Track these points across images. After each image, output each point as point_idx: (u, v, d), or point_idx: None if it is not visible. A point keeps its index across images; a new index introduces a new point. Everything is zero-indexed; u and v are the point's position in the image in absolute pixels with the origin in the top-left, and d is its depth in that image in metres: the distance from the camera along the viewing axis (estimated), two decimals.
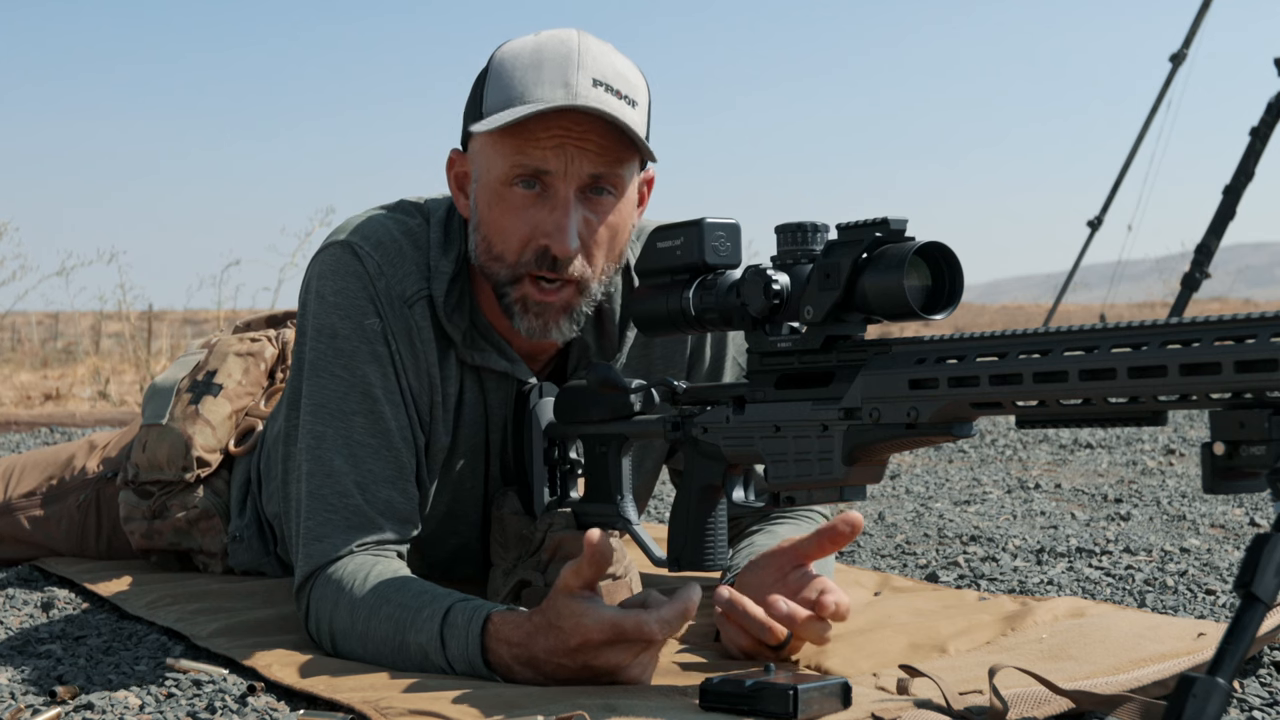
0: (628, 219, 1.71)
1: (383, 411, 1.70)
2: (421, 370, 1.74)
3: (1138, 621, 1.72)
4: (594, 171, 1.63)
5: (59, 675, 1.62)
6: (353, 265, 1.72)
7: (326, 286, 1.73)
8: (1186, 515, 2.95)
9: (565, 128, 1.61)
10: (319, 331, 1.72)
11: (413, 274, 1.73)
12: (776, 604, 1.52)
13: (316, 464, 1.68)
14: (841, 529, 1.55)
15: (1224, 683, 0.94)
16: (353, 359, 1.70)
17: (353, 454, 1.67)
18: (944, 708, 1.34)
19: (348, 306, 1.71)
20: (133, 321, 9.40)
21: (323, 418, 1.69)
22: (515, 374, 1.77)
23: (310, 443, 1.69)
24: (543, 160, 1.61)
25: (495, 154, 1.65)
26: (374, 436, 1.69)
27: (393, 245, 1.73)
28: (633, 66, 1.68)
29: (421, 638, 1.51)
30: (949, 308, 1.30)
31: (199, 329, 11.12)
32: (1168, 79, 8.19)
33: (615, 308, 1.83)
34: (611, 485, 1.66)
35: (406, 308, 1.72)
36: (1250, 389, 1.03)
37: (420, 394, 1.74)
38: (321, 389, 1.70)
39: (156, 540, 2.27)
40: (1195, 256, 7.06)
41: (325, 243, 1.77)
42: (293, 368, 1.78)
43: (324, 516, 1.66)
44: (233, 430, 2.25)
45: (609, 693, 1.40)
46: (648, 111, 1.69)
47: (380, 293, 1.71)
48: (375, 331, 1.71)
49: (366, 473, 1.68)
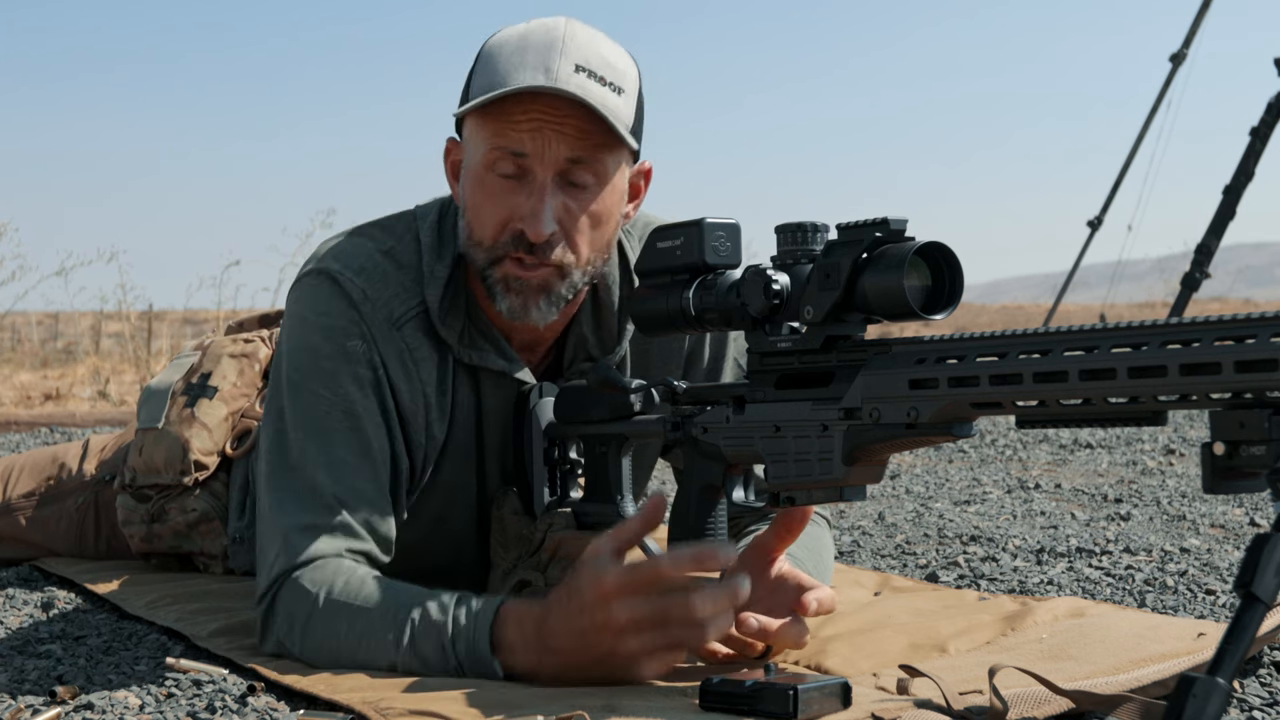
0: (613, 209, 1.69)
1: (365, 431, 1.68)
2: (416, 391, 1.72)
3: (1138, 621, 1.72)
4: (571, 155, 1.62)
5: (59, 675, 1.62)
6: (335, 291, 1.70)
7: (308, 310, 1.71)
8: (1186, 515, 2.95)
9: (543, 112, 1.60)
10: (300, 350, 1.70)
11: (399, 294, 1.72)
12: (747, 621, 1.50)
13: (298, 476, 1.66)
14: (793, 513, 1.53)
15: (1224, 683, 0.94)
16: (334, 378, 1.68)
17: (333, 469, 1.65)
18: (944, 708, 1.34)
19: (329, 328, 1.69)
20: (133, 321, 9.40)
21: (304, 434, 1.67)
22: (512, 372, 1.77)
23: (296, 457, 1.66)
24: (519, 142, 1.61)
25: (478, 137, 1.65)
26: (355, 456, 1.67)
27: (374, 269, 1.72)
28: (623, 54, 1.67)
29: (431, 616, 1.49)
30: (949, 308, 1.30)
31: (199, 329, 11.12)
32: (1168, 79, 8.19)
33: (614, 300, 1.82)
34: (611, 485, 1.66)
35: (395, 330, 1.71)
36: (1250, 389, 1.03)
37: (414, 415, 1.73)
38: (303, 405, 1.68)
39: (156, 543, 2.27)
40: (1195, 256, 7.06)
41: (303, 271, 1.75)
42: (270, 388, 1.75)
43: (303, 520, 1.63)
44: (229, 433, 2.25)
45: (609, 693, 1.40)
46: (637, 100, 1.68)
47: (366, 317, 1.70)
48: (359, 354, 1.69)
49: (347, 489, 1.65)
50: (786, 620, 1.50)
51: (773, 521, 1.56)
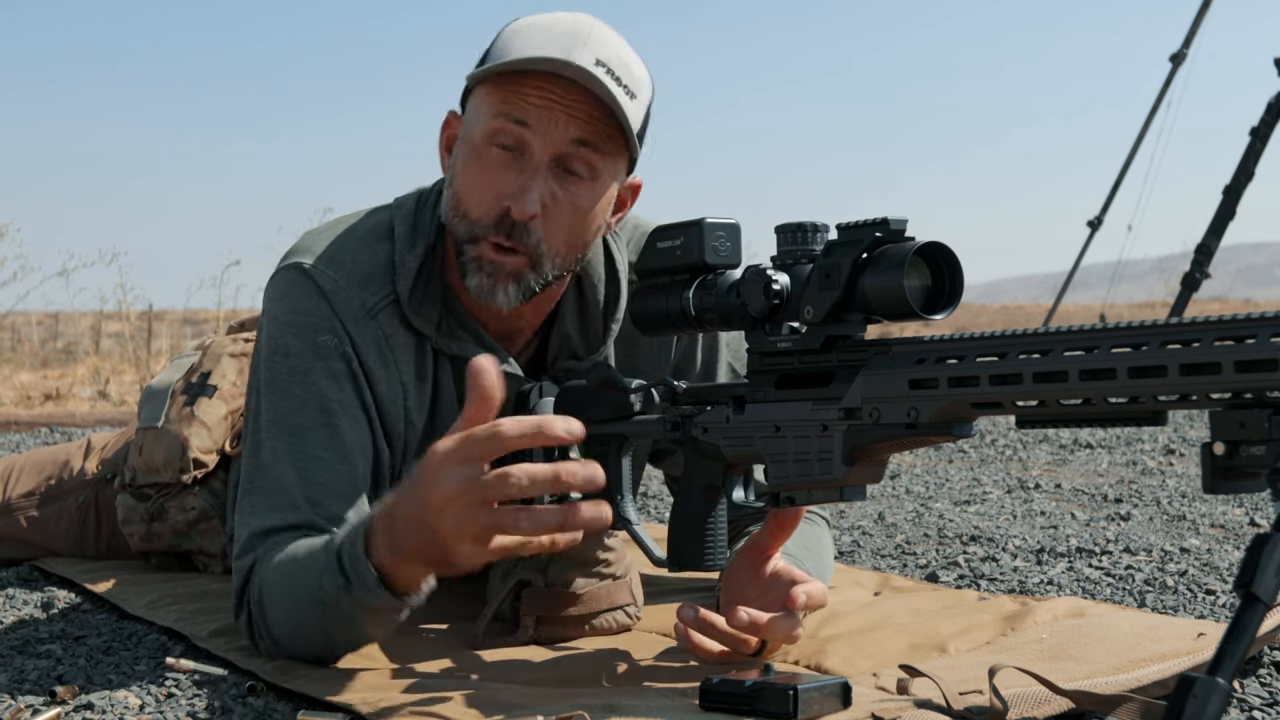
0: (598, 210, 1.68)
1: (338, 425, 1.67)
2: (394, 379, 1.72)
3: (1138, 621, 1.72)
4: (575, 137, 1.61)
5: (59, 675, 1.62)
6: (306, 286, 1.70)
7: (279, 308, 1.71)
8: (1186, 515, 2.95)
9: (556, 91, 1.59)
10: (273, 351, 1.70)
11: (371, 283, 1.71)
12: (737, 614, 1.49)
13: (267, 477, 1.65)
14: (786, 510, 1.52)
15: (1224, 683, 0.94)
16: (307, 375, 1.68)
17: (303, 468, 1.64)
18: (944, 708, 1.34)
19: (300, 325, 1.69)
20: (133, 321, 9.41)
21: (275, 434, 1.67)
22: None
23: (268, 458, 1.66)
24: (525, 113, 1.60)
25: (484, 105, 1.63)
26: (327, 450, 1.66)
27: (347, 258, 1.72)
28: (642, 65, 1.67)
29: (326, 543, 1.49)
30: (949, 308, 1.30)
31: (199, 329, 11.13)
32: (1168, 79, 8.19)
33: (599, 299, 1.81)
34: (611, 485, 1.66)
35: (370, 319, 1.70)
36: (1250, 389, 1.03)
37: (392, 402, 1.72)
38: (275, 405, 1.68)
39: (156, 542, 2.27)
40: (1195, 256, 7.07)
41: (279, 265, 1.75)
42: (250, 388, 1.76)
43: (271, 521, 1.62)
44: (229, 431, 2.25)
45: (609, 693, 1.40)
46: (646, 110, 1.68)
47: (339, 308, 1.69)
48: (330, 348, 1.68)
49: (317, 486, 1.64)
50: (778, 614, 1.50)
51: (765, 519, 1.56)
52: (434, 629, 1.78)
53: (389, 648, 1.64)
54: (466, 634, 1.72)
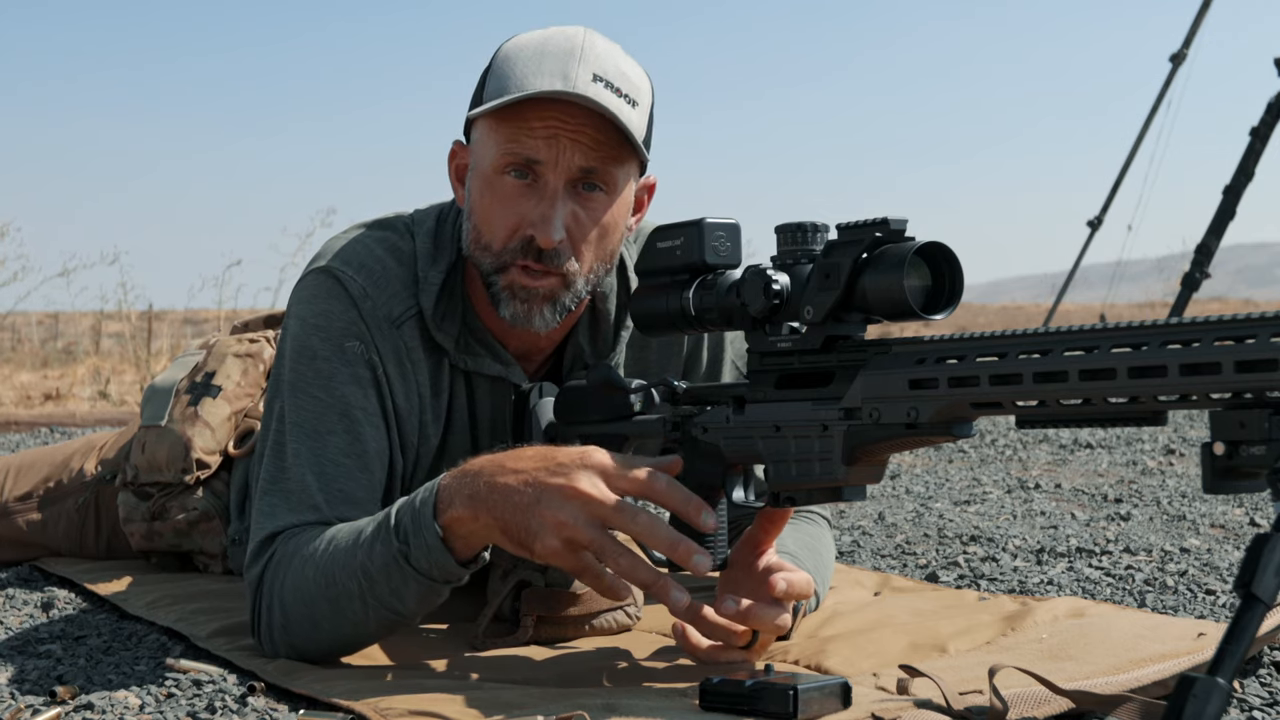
0: (619, 220, 1.69)
1: (361, 432, 1.68)
2: (412, 390, 1.73)
3: (1138, 621, 1.72)
4: (585, 165, 1.62)
5: (59, 675, 1.62)
6: (335, 290, 1.70)
7: (307, 310, 1.72)
8: (1186, 515, 2.95)
9: (560, 118, 1.60)
10: (299, 353, 1.70)
11: (400, 293, 1.72)
12: (724, 603, 1.49)
13: (290, 479, 1.66)
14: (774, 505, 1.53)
15: (1224, 683, 0.94)
16: (331, 380, 1.68)
17: (323, 472, 1.65)
18: (944, 708, 1.34)
19: (328, 329, 1.70)
20: (133, 321, 9.41)
21: (298, 435, 1.67)
22: (509, 377, 1.77)
23: (290, 460, 1.67)
24: (534, 149, 1.61)
25: (490, 141, 1.64)
26: (348, 457, 1.66)
27: (377, 266, 1.72)
28: (638, 69, 1.67)
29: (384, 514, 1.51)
30: (949, 308, 1.30)
31: (199, 329, 11.13)
32: (1168, 79, 8.19)
33: (610, 309, 1.82)
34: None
35: (394, 328, 1.71)
36: (1250, 389, 1.03)
37: (409, 414, 1.73)
38: (299, 408, 1.68)
39: (156, 541, 2.27)
40: (1195, 256, 7.06)
41: (307, 269, 1.76)
42: (270, 388, 1.76)
43: (289, 520, 1.63)
44: (232, 432, 2.25)
45: (609, 693, 1.40)
46: (649, 115, 1.69)
47: (366, 315, 1.70)
48: (356, 354, 1.69)
49: (335, 493, 1.65)
50: (763, 603, 1.49)
51: (757, 516, 1.56)
52: (434, 629, 1.78)
53: (389, 648, 1.64)
54: (466, 634, 1.72)
